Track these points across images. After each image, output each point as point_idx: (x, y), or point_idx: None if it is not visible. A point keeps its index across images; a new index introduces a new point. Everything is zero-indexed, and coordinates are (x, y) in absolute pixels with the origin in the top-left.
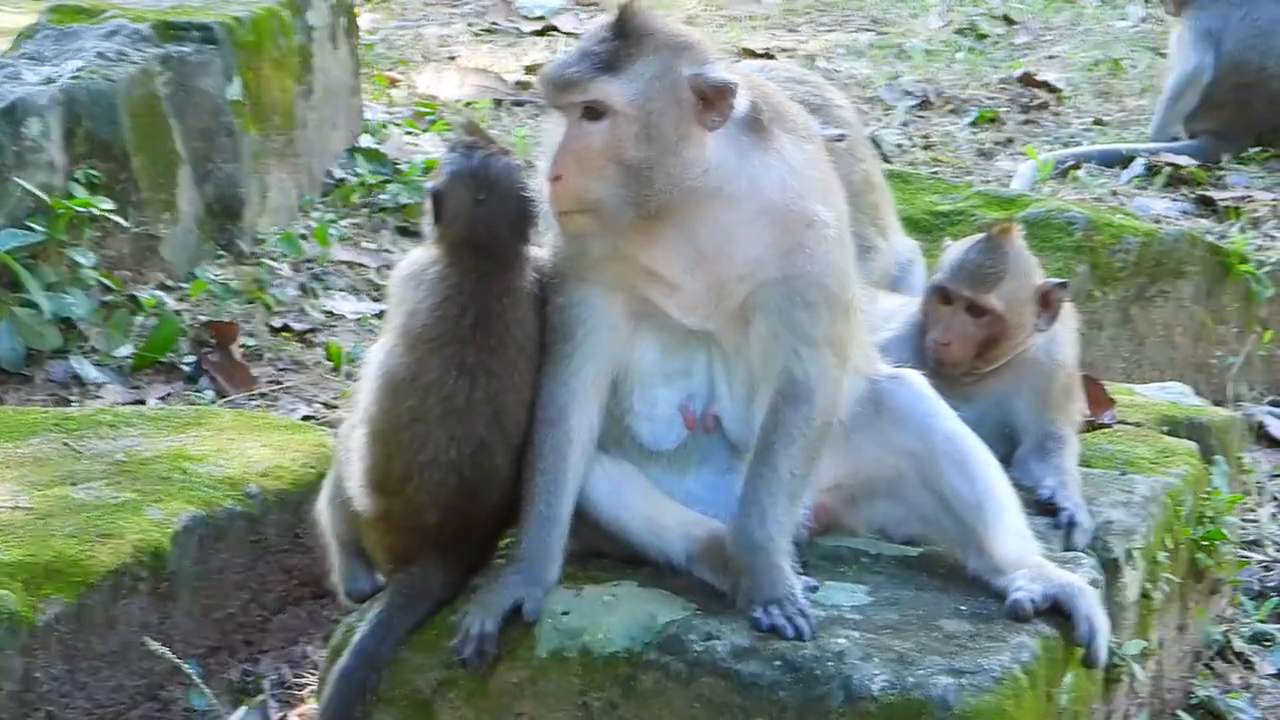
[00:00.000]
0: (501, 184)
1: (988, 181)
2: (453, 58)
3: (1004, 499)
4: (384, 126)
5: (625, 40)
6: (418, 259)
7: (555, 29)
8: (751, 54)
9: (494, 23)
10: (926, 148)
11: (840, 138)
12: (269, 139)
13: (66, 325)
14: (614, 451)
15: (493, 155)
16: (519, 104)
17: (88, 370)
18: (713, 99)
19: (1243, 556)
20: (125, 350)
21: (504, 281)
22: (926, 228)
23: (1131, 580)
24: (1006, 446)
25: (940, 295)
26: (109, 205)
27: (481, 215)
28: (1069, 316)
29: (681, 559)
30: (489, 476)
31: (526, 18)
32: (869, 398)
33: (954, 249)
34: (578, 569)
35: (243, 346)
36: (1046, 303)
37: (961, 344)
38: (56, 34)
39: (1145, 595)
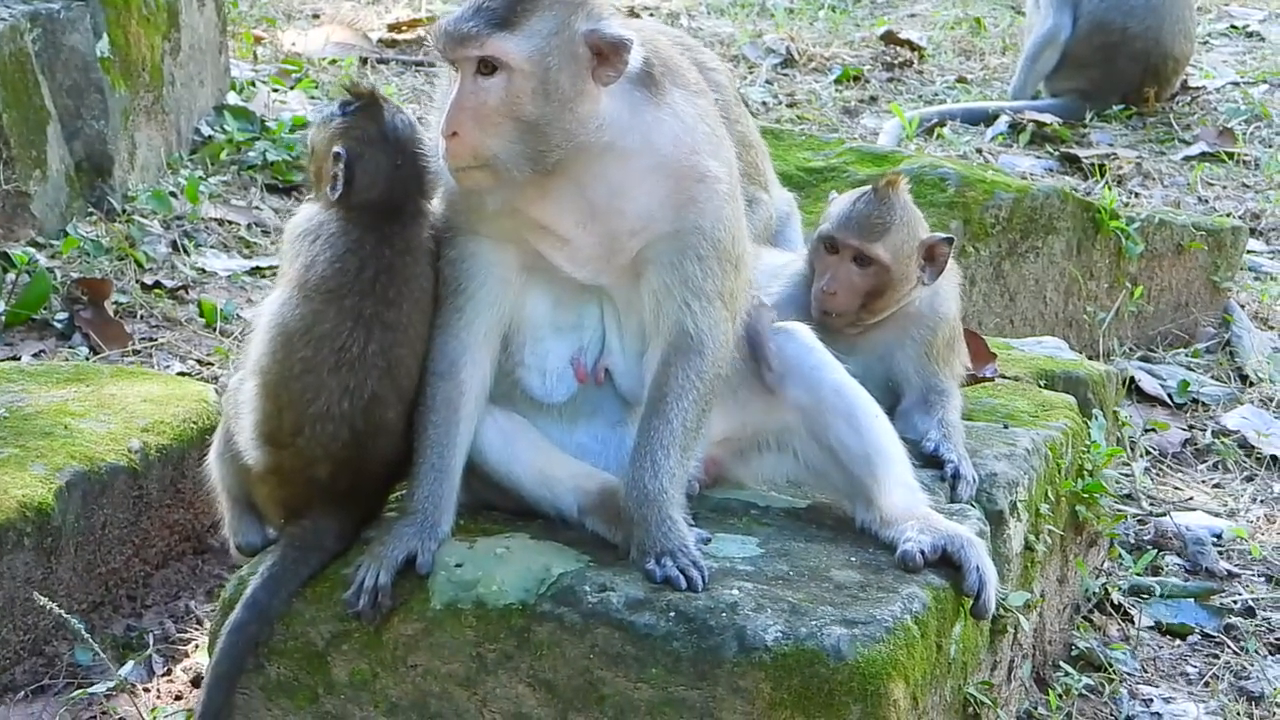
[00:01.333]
0: (408, 144)
1: (853, 139)
2: (316, 15)
3: (891, 451)
4: (251, 84)
5: None
6: (313, 214)
7: None
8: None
9: None
10: (791, 105)
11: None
12: (138, 96)
13: None
14: (505, 404)
15: (397, 115)
16: (383, 61)
17: None
18: (608, 54)
19: (1118, 510)
20: None
21: (403, 238)
22: (800, 183)
23: (1016, 532)
24: (891, 399)
25: (827, 244)
26: None
27: (395, 178)
28: (952, 271)
29: (573, 511)
30: (381, 429)
31: None
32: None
33: (840, 200)
34: (470, 521)
35: (115, 304)
36: (931, 256)
37: (847, 293)
38: None
39: (1029, 547)
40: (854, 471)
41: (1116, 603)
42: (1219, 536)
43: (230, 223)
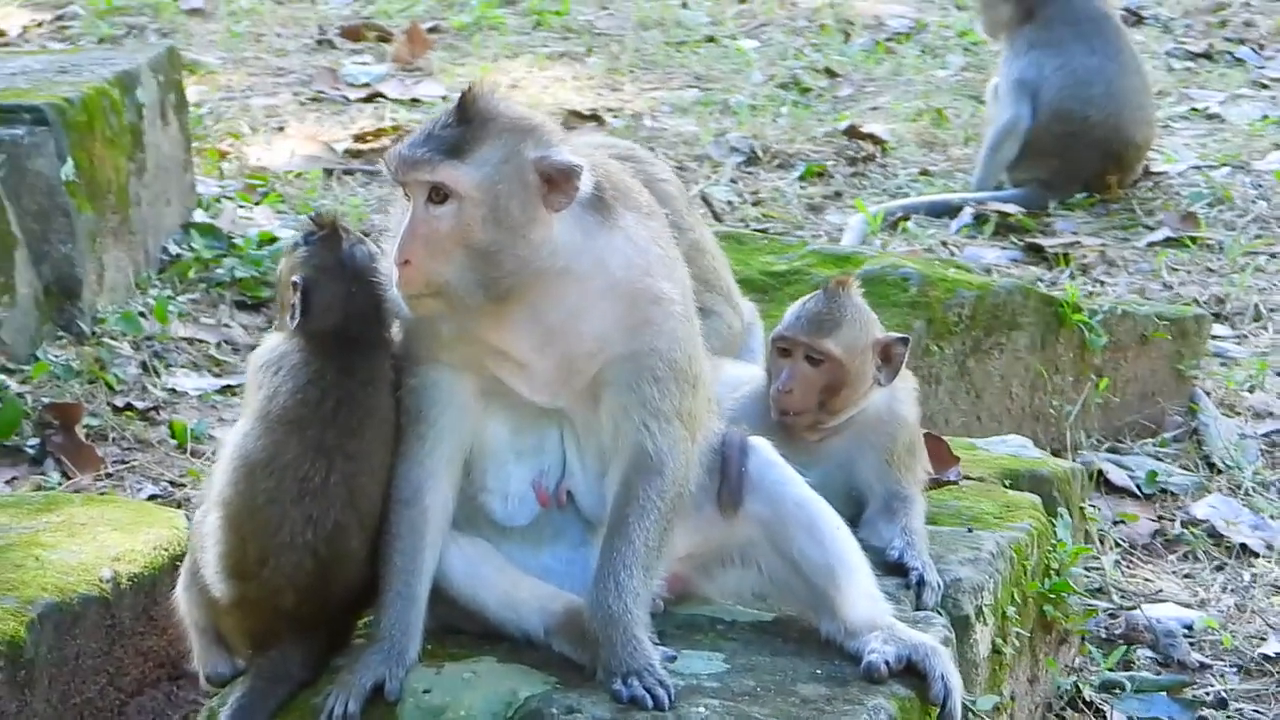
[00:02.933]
0: (366, 274)
1: (818, 236)
2: (281, 128)
3: (854, 562)
4: (217, 201)
5: (469, 124)
6: (276, 345)
7: (382, 95)
8: (579, 116)
9: (320, 91)
10: (756, 204)
11: None
12: (104, 218)
13: None
14: (469, 528)
15: (355, 245)
16: (349, 172)
17: None
18: (558, 181)
19: (1089, 605)
20: None
21: (364, 368)
22: (763, 288)
23: (983, 636)
24: (854, 508)
25: (780, 346)
26: None
27: (352, 306)
28: (908, 376)
29: (539, 633)
30: (344, 557)
31: (352, 85)
32: (719, 467)
33: (794, 304)
34: (437, 646)
35: (86, 427)
36: (887, 356)
37: (803, 391)
38: None
39: (996, 650)
40: (817, 583)
41: (1089, 699)
42: (1190, 628)
43: (200, 341)
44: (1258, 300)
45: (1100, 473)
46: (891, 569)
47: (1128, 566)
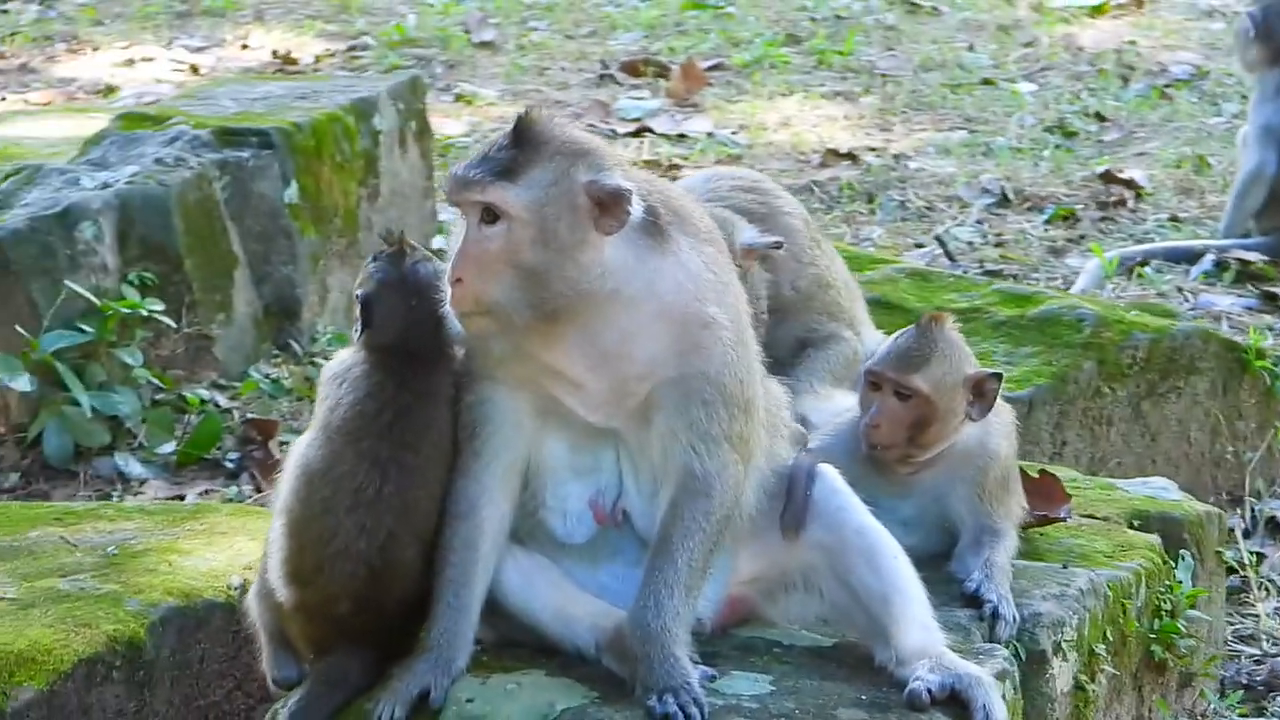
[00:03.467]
0: (428, 290)
1: (1053, 280)
2: None
3: (909, 591)
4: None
5: (522, 148)
6: (344, 358)
7: (650, 130)
8: (835, 154)
9: (590, 124)
10: (998, 245)
11: (778, 245)
12: (329, 241)
13: (115, 423)
14: (528, 543)
15: (419, 262)
16: None
17: (132, 467)
18: (608, 204)
19: (1234, 650)
20: (169, 448)
21: (424, 382)
22: None
23: (1061, 671)
24: (948, 540)
25: (870, 380)
26: (159, 306)
27: (412, 321)
28: (1004, 410)
29: (591, 649)
30: (398, 568)
31: (624, 119)
32: (785, 490)
33: (888, 338)
34: (492, 658)
35: (282, 443)
36: (980, 392)
37: (891, 426)
38: (121, 140)
39: (1079, 686)
40: (873, 610)
41: None
42: None
43: None
44: None
45: (1273, 519)
46: (969, 601)
47: None
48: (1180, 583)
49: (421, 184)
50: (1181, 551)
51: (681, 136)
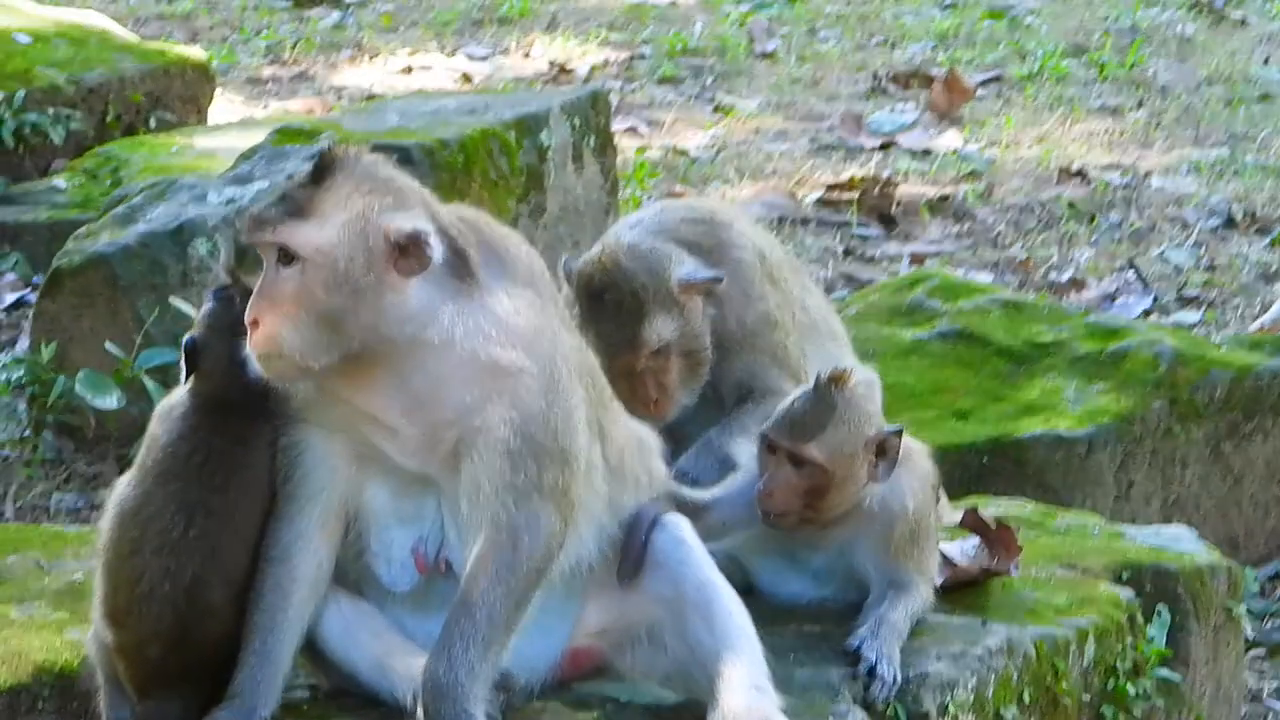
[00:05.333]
0: None
1: (1252, 307)
2: (752, 176)
3: (742, 649)
4: None
5: (320, 186)
6: (173, 396)
7: (896, 145)
8: (1066, 172)
9: (841, 138)
10: (1210, 269)
11: (716, 280)
12: None
13: None
14: (359, 590)
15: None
16: (805, 221)
17: None
18: (406, 247)
19: (1264, 710)
20: None
21: (242, 427)
22: (1020, 358)
23: None
24: (864, 592)
25: (766, 444)
26: None
27: (239, 366)
28: (918, 464)
29: (408, 700)
30: (206, 612)
31: (875, 133)
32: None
33: (788, 397)
34: (316, 707)
35: None
36: (883, 451)
37: (785, 494)
38: (271, 155)
39: None
40: (707, 669)
41: None
42: None
43: None
44: None
45: None
46: (853, 658)
47: None
48: (1152, 639)
49: (602, 200)
50: (1158, 607)
51: (926, 153)
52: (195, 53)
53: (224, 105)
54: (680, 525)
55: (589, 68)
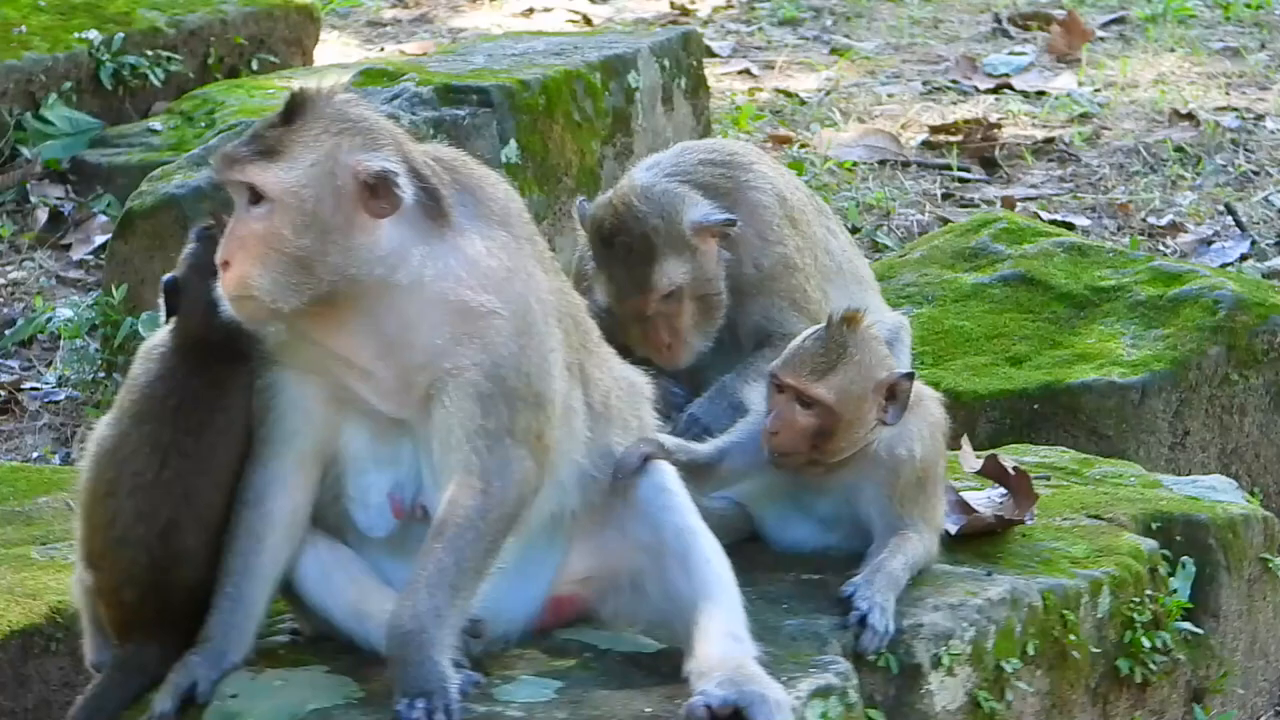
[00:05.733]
0: None
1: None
2: (860, 119)
3: (719, 598)
4: None
5: (291, 126)
6: (156, 335)
7: (1010, 88)
8: (1177, 115)
9: (953, 80)
10: None
11: (729, 223)
12: (557, 200)
13: None
14: (337, 534)
15: None
16: (905, 165)
17: None
18: (375, 187)
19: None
20: None
21: (220, 369)
22: (1081, 303)
23: (942, 686)
24: (866, 543)
25: (774, 382)
26: None
27: (217, 311)
28: (928, 409)
29: (382, 646)
30: (180, 555)
31: (990, 75)
32: (620, 489)
33: (800, 336)
34: (294, 651)
35: None
36: (893, 395)
37: (791, 434)
38: None
39: (977, 704)
40: (683, 617)
41: None
42: None
43: None
44: None
45: None
46: (844, 606)
47: None
48: (1174, 591)
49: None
50: (1183, 559)
51: (1040, 94)
52: None
53: (339, 48)
54: (664, 471)
55: (710, 9)
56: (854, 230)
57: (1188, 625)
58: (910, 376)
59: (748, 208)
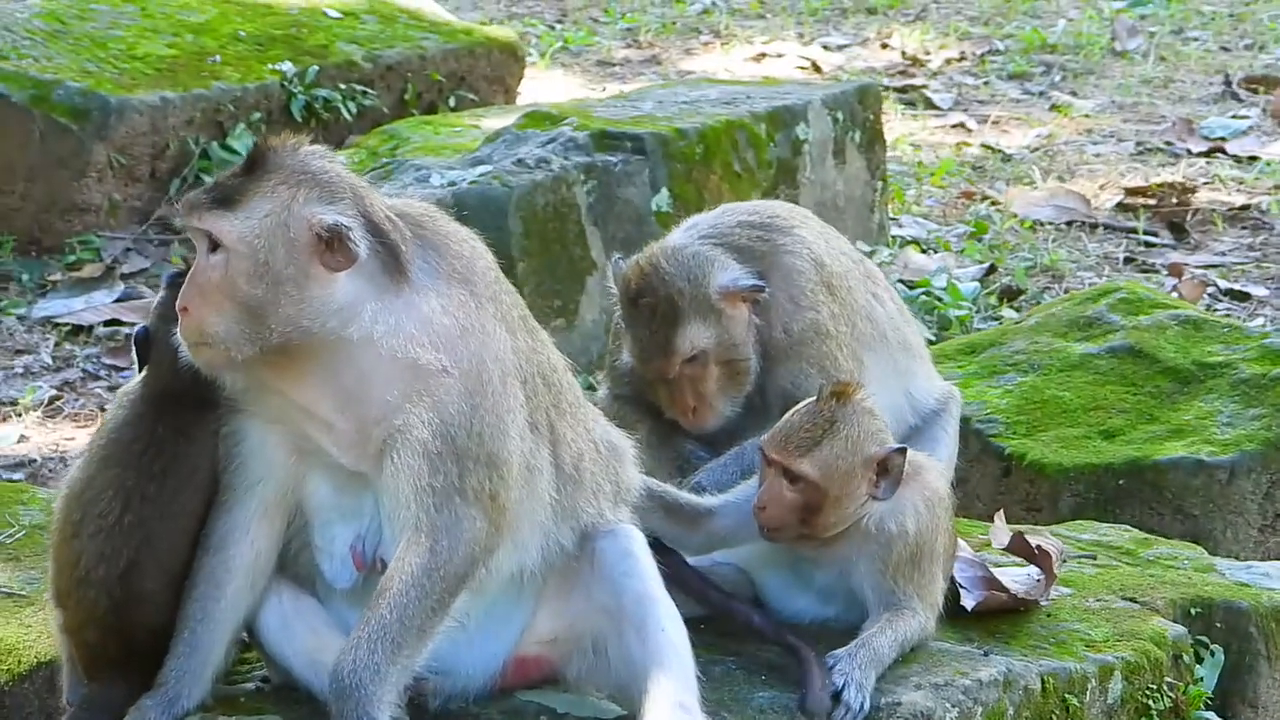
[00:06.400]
0: None
1: None
2: (1060, 178)
3: (672, 666)
4: (906, 245)
5: (251, 175)
6: (130, 382)
7: (1223, 152)
8: None
9: (1167, 142)
10: None
11: (758, 289)
12: None
13: None
14: (305, 583)
15: None
16: (1094, 226)
17: None
18: (331, 240)
19: None
20: None
21: (187, 416)
22: (1186, 378)
23: None
24: (863, 614)
25: (762, 456)
26: None
27: (186, 363)
28: (925, 483)
29: None
30: (141, 598)
31: (1205, 138)
32: (588, 552)
33: (791, 409)
34: (254, 700)
35: None
36: (885, 469)
37: (778, 509)
38: (512, 139)
39: None
40: (637, 684)
41: None
42: None
43: None
44: None
45: None
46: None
47: None
48: (1200, 679)
49: (868, 196)
50: (1212, 647)
51: (1253, 159)
52: (504, 33)
53: (561, 85)
54: (630, 536)
55: (943, 60)
56: (1017, 293)
57: (1211, 716)
58: (902, 451)
59: (781, 272)
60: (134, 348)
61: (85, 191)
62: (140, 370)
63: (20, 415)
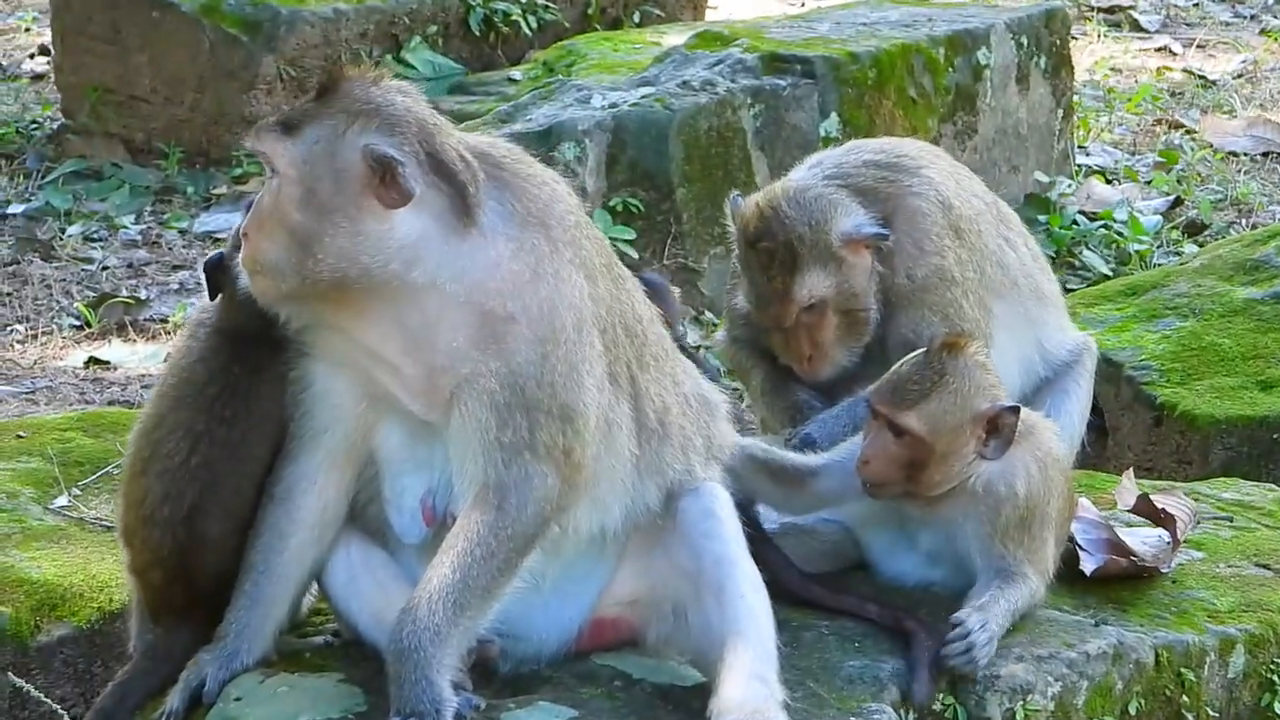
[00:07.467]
0: None
1: None
2: (1262, 105)
3: (750, 635)
4: (1091, 174)
5: (319, 102)
6: (207, 307)
7: None
8: None
9: None
10: None
11: (882, 236)
12: None
13: None
14: (377, 537)
15: None
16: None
17: None
18: (385, 175)
19: None
20: None
21: (260, 356)
22: None
23: None
24: (970, 579)
25: (869, 408)
26: (628, 235)
27: (245, 293)
28: (1039, 443)
29: None
30: (205, 542)
31: None
32: (672, 511)
33: (900, 360)
34: (320, 656)
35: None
36: (995, 428)
37: (882, 464)
38: (680, 60)
39: None
40: (714, 651)
41: None
42: None
43: None
44: None
45: None
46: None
47: None
48: None
49: (1052, 124)
50: None
51: None
52: None
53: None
54: (714, 495)
55: None
56: (1202, 227)
57: None
58: (1015, 409)
59: (906, 215)
60: (204, 277)
61: (254, 104)
62: (211, 299)
63: (170, 334)
